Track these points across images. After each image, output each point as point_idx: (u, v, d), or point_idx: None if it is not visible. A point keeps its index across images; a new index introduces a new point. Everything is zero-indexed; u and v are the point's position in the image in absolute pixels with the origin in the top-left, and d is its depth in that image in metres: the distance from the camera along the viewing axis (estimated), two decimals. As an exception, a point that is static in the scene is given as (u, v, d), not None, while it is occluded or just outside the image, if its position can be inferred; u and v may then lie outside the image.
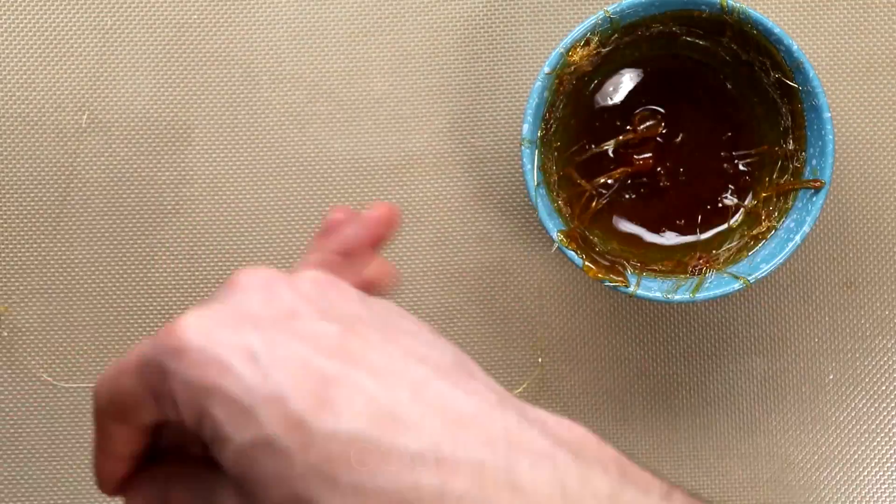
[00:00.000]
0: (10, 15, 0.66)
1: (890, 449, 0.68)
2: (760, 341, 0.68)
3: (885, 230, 0.68)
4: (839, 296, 0.68)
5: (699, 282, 0.62)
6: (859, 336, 0.68)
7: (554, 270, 0.68)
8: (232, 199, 0.67)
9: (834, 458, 0.68)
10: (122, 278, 0.67)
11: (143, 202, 0.67)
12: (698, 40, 0.63)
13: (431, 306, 0.67)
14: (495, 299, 0.67)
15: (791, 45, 0.60)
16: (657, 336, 0.68)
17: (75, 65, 0.66)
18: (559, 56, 0.60)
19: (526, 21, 0.66)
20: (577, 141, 0.64)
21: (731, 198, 0.64)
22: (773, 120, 0.63)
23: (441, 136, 0.67)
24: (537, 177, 0.61)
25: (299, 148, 0.67)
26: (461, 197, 0.67)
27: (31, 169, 0.67)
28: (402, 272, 0.67)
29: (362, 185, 0.67)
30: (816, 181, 0.61)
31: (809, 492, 0.69)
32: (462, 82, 0.67)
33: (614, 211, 0.64)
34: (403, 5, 0.67)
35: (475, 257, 0.67)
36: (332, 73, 0.67)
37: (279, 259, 0.67)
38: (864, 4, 0.67)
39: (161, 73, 0.66)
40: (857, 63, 0.67)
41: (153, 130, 0.67)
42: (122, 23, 0.66)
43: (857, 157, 0.67)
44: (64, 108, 0.66)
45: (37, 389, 0.67)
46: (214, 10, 0.66)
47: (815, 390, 0.68)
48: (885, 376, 0.68)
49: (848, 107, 0.67)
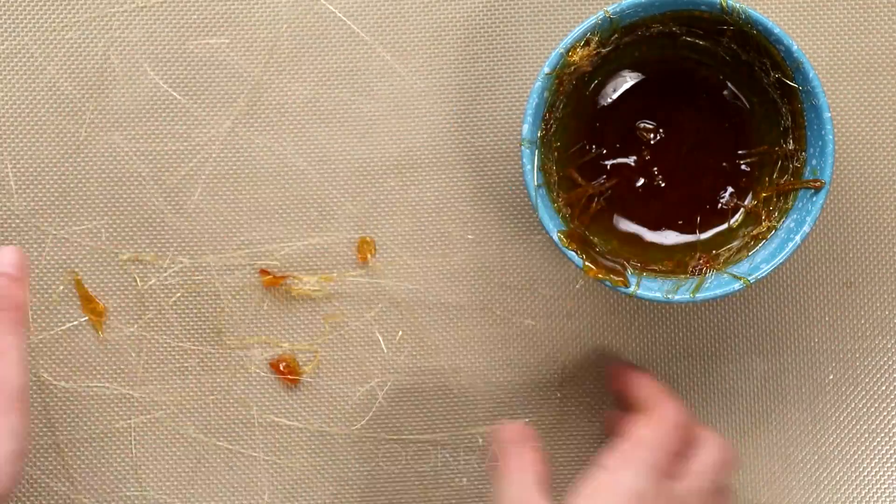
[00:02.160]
0: (10, 15, 0.66)
1: (890, 448, 0.68)
2: (760, 341, 0.68)
3: (885, 230, 0.68)
4: (839, 296, 0.68)
5: (699, 282, 0.62)
6: (859, 336, 0.68)
7: (554, 270, 0.68)
8: (232, 198, 0.67)
9: (834, 458, 0.68)
10: (123, 278, 0.67)
11: (143, 202, 0.67)
12: (698, 40, 0.63)
13: (431, 306, 0.67)
14: (495, 299, 0.67)
15: (791, 45, 0.60)
16: (657, 336, 0.68)
17: (75, 64, 0.66)
18: (559, 56, 0.60)
19: (526, 21, 0.66)
20: (577, 141, 0.64)
21: (731, 198, 0.64)
22: (773, 120, 0.63)
23: (441, 136, 0.67)
24: (537, 177, 0.61)
25: (299, 148, 0.67)
26: (461, 197, 0.67)
27: (31, 168, 0.67)
28: (402, 272, 0.67)
29: (362, 185, 0.67)
30: (816, 181, 0.61)
31: (809, 491, 0.69)
32: (462, 82, 0.67)
33: (614, 211, 0.64)
34: (403, 5, 0.66)
35: (475, 257, 0.67)
36: (332, 73, 0.67)
37: (279, 258, 0.67)
38: (864, 4, 0.67)
39: (161, 73, 0.66)
40: (857, 63, 0.67)
41: (153, 130, 0.67)
42: (122, 22, 0.66)
43: (857, 157, 0.67)
44: (63, 110, 0.66)
45: (37, 389, 0.67)
46: (214, 9, 0.66)
47: (815, 390, 0.68)
48: (885, 376, 0.68)
49: (848, 107, 0.67)
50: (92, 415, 0.67)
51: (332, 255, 0.67)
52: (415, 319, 0.67)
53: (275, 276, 0.67)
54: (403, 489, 0.68)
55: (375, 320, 0.67)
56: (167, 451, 0.68)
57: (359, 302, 0.67)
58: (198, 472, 0.68)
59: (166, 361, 0.67)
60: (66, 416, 0.67)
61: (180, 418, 0.67)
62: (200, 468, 0.68)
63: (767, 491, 0.68)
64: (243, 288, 0.67)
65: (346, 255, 0.67)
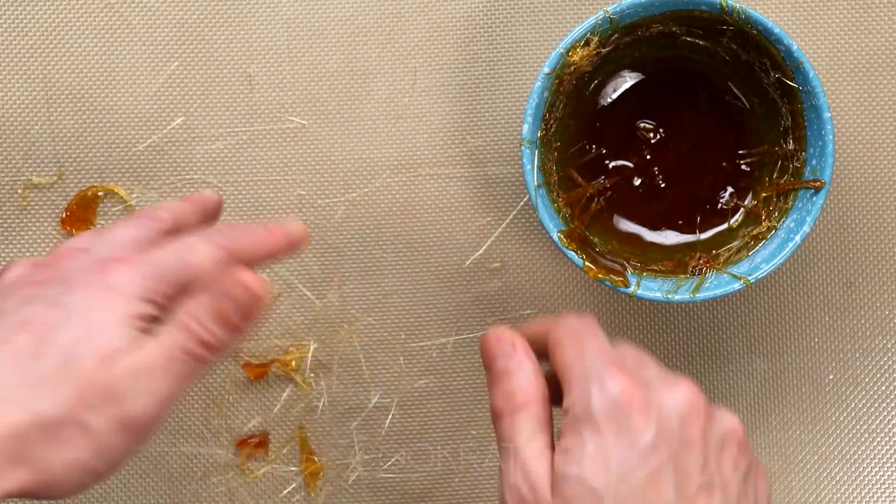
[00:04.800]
0: (10, 15, 0.66)
1: (890, 448, 0.68)
2: (760, 341, 0.68)
3: (885, 230, 0.68)
4: (839, 296, 0.68)
5: (699, 282, 0.62)
6: (859, 336, 0.68)
7: (554, 270, 0.68)
8: (232, 198, 0.67)
9: (834, 458, 0.68)
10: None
11: (142, 201, 0.67)
12: (698, 40, 0.63)
13: (431, 306, 0.67)
14: (495, 299, 0.67)
15: (791, 45, 0.60)
16: (657, 336, 0.68)
17: (75, 64, 0.66)
18: (559, 56, 0.60)
19: (526, 21, 0.66)
20: (577, 141, 0.64)
21: (731, 198, 0.64)
22: (773, 120, 0.63)
23: (441, 136, 0.67)
24: (537, 177, 0.61)
25: (299, 148, 0.67)
26: (461, 197, 0.67)
27: (30, 167, 0.67)
28: (403, 272, 0.67)
29: (362, 185, 0.67)
30: (816, 181, 0.61)
31: (810, 491, 0.69)
32: (462, 82, 0.67)
33: (614, 211, 0.64)
34: (403, 5, 0.67)
35: (475, 257, 0.67)
36: (332, 73, 0.67)
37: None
38: (864, 4, 0.67)
39: (160, 73, 0.66)
40: (857, 63, 0.67)
41: (152, 130, 0.67)
42: (122, 23, 0.66)
43: (857, 157, 0.67)
44: (63, 109, 0.66)
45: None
46: (214, 10, 0.66)
47: (815, 390, 0.68)
48: (885, 376, 0.68)
49: (848, 107, 0.67)
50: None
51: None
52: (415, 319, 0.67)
53: (258, 366, 0.67)
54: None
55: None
56: None
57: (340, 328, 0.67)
58: None
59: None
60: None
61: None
62: None
63: (767, 491, 0.68)
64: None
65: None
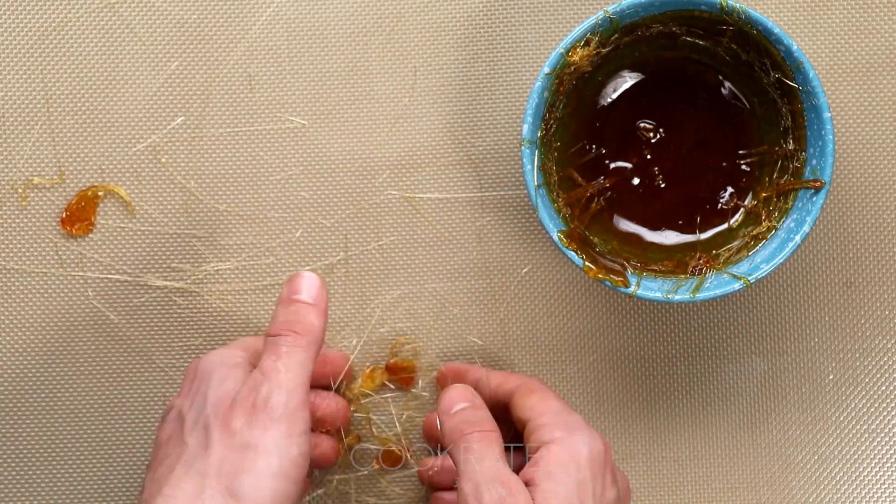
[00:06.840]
0: (10, 15, 0.66)
1: (890, 448, 0.68)
2: (760, 341, 0.68)
3: (885, 230, 0.68)
4: (839, 296, 0.68)
5: (699, 282, 0.62)
6: (859, 336, 0.68)
7: (554, 270, 0.68)
8: (232, 198, 0.67)
9: (834, 458, 0.68)
10: (120, 278, 0.67)
11: (142, 201, 0.67)
12: (698, 40, 0.63)
13: (431, 306, 0.67)
14: (495, 299, 0.68)
15: (791, 45, 0.60)
16: (657, 336, 0.68)
17: (75, 64, 0.66)
18: (559, 56, 0.60)
19: (526, 21, 0.67)
20: (578, 141, 0.64)
21: (731, 198, 0.64)
22: (773, 120, 0.63)
23: (441, 136, 0.67)
24: (537, 177, 0.61)
25: (299, 148, 0.67)
26: (461, 197, 0.67)
27: (30, 167, 0.67)
28: (403, 272, 0.67)
29: (362, 185, 0.67)
30: (816, 181, 0.61)
31: (810, 491, 0.69)
32: (462, 82, 0.67)
33: (614, 211, 0.64)
34: (403, 5, 0.67)
35: (475, 257, 0.67)
36: (332, 73, 0.67)
37: (277, 257, 0.67)
38: (864, 4, 0.67)
39: (160, 73, 0.66)
40: (857, 63, 0.67)
41: (152, 130, 0.67)
42: (122, 23, 0.66)
43: (857, 157, 0.67)
44: (63, 109, 0.67)
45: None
46: (214, 10, 0.66)
47: (815, 390, 0.68)
48: (885, 376, 0.68)
49: (848, 107, 0.67)
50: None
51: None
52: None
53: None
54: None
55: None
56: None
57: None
58: None
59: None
60: (67, 416, 0.67)
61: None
62: None
63: (767, 491, 0.68)
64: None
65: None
